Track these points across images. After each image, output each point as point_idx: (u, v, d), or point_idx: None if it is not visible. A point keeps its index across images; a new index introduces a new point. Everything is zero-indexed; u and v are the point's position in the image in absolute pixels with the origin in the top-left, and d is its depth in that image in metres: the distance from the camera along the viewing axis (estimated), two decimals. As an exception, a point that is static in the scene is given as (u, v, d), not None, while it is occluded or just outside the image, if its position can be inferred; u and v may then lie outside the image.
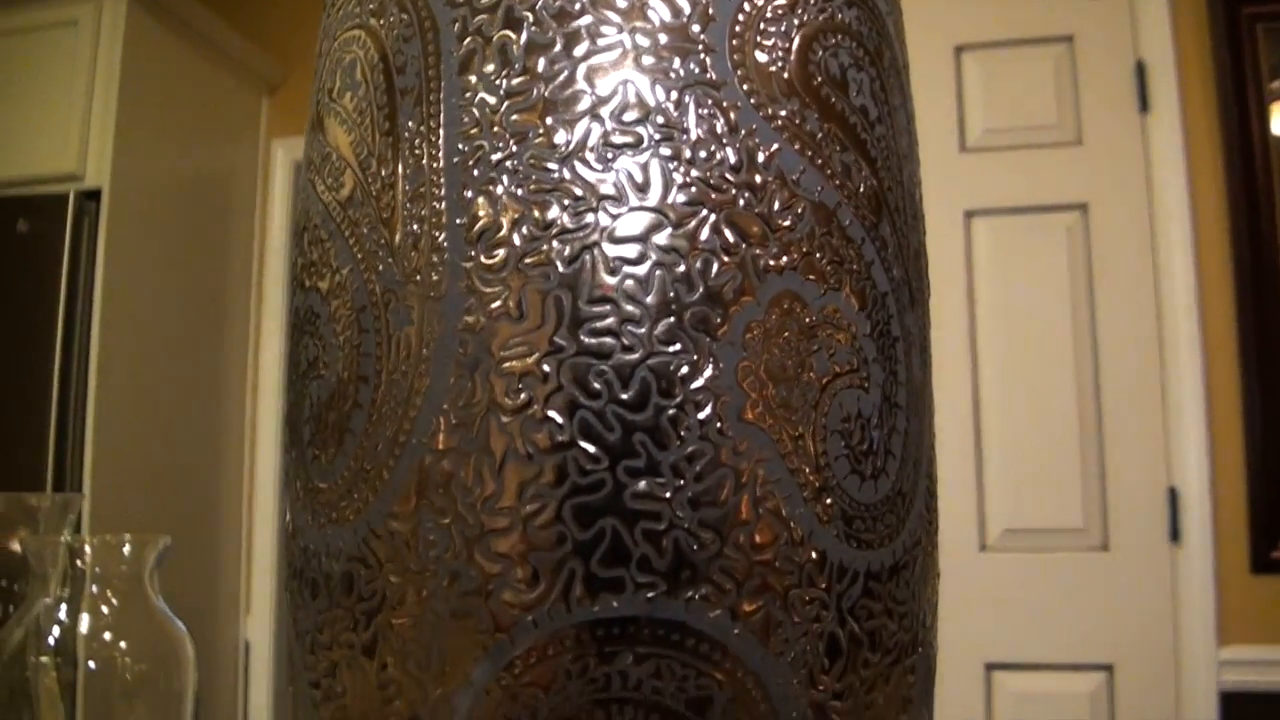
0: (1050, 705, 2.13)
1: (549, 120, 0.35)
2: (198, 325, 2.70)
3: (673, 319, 0.34)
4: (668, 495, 0.33)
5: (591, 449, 0.33)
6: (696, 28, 0.35)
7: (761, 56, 0.36)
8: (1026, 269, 2.24)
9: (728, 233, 0.34)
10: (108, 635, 0.81)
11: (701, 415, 0.33)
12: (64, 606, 0.81)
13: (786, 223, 0.35)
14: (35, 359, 2.29)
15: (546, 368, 0.33)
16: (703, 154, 0.35)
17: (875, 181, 0.38)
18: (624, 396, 0.33)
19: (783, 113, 0.36)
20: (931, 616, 0.40)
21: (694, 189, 0.34)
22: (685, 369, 0.33)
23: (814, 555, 0.34)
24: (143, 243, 2.47)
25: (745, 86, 0.35)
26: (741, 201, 0.35)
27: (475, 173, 0.35)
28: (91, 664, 0.80)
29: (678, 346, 0.33)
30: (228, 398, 2.82)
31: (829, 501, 0.35)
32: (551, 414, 0.33)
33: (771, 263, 0.35)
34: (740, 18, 0.36)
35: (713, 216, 0.34)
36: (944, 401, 0.43)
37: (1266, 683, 2.03)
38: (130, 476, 2.37)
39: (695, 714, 0.33)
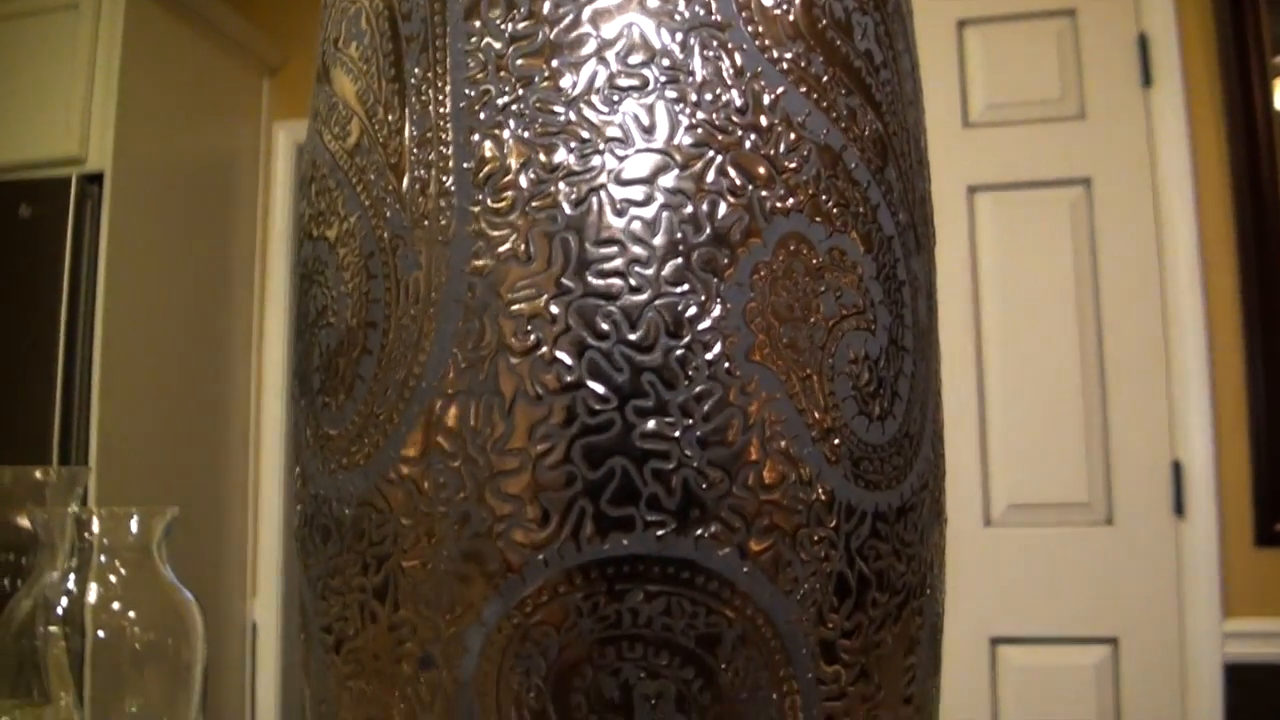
0: (1055, 678, 2.13)
1: (555, 63, 0.35)
2: (201, 307, 2.70)
3: (680, 260, 0.34)
4: (677, 435, 0.33)
5: (600, 389, 0.33)
6: (701, -29, 0.35)
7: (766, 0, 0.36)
8: (1030, 244, 2.24)
9: (734, 174, 0.34)
10: (116, 605, 0.81)
11: (709, 355, 0.34)
12: (72, 577, 0.81)
13: (792, 165, 0.35)
14: (40, 342, 2.29)
15: (554, 309, 0.34)
16: (708, 96, 0.35)
17: (880, 125, 0.38)
18: (632, 337, 0.33)
19: (788, 55, 0.36)
20: (939, 561, 0.40)
21: (700, 131, 0.34)
22: (693, 309, 0.34)
23: (822, 495, 0.35)
24: (146, 226, 2.47)
25: (750, 29, 0.35)
26: (747, 144, 0.35)
27: (481, 117, 0.35)
28: (101, 633, 0.80)
29: (685, 287, 0.34)
30: (232, 381, 2.83)
31: (836, 442, 0.35)
32: (560, 355, 0.33)
33: (778, 205, 0.35)
34: (745, -39, 0.36)
35: (719, 158, 0.34)
36: (947, 377, 0.43)
37: (1271, 654, 2.03)
38: (134, 461, 2.38)
39: (705, 650, 0.33)
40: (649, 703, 0.33)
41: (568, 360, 0.33)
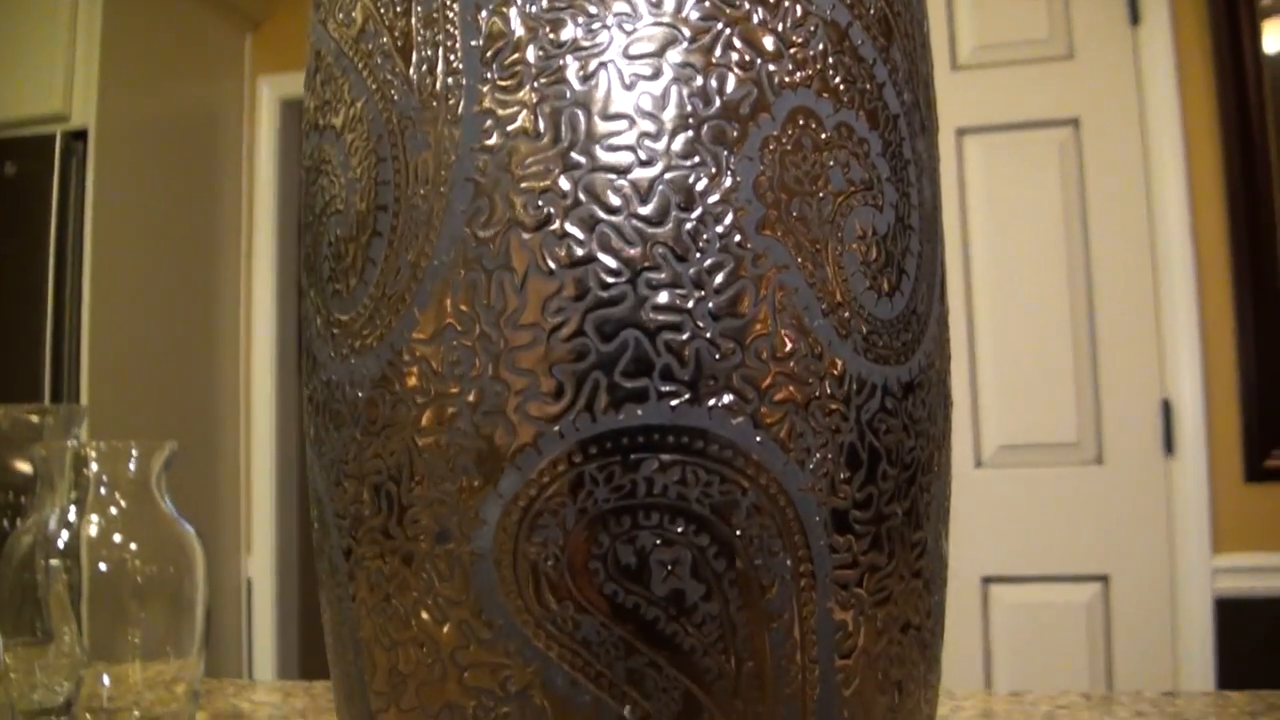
0: (1046, 616, 2.16)
1: (561, -61, 0.35)
2: (189, 260, 2.69)
3: (690, 133, 0.34)
4: (689, 306, 0.33)
5: (612, 263, 0.33)
6: None
7: (771, -125, 0.36)
8: (1019, 185, 2.24)
9: (742, 48, 0.35)
10: (118, 537, 0.82)
11: (720, 228, 0.34)
12: (73, 511, 0.81)
13: (799, 40, 0.35)
14: (28, 298, 2.29)
15: (565, 184, 0.34)
16: (715, -29, 0.35)
17: (884, 4, 0.38)
18: (643, 210, 0.34)
19: (793, -69, 0.36)
20: (947, 443, 0.41)
21: (708, 4, 0.34)
22: (704, 183, 0.34)
23: (833, 367, 0.35)
24: (131, 181, 2.46)
25: (756, -96, 0.35)
26: (755, 18, 0.35)
27: (488, -6, 0.35)
28: (103, 566, 0.81)
29: (695, 160, 0.34)
30: (220, 340, 2.82)
31: (846, 315, 0.35)
32: (571, 229, 0.34)
33: (786, 79, 0.35)
34: None
35: (727, 31, 0.34)
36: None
37: (1260, 589, 2.06)
38: (123, 424, 2.37)
39: (720, 518, 0.33)
40: (665, 569, 0.33)
41: (579, 234, 0.34)
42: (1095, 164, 2.22)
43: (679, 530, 0.33)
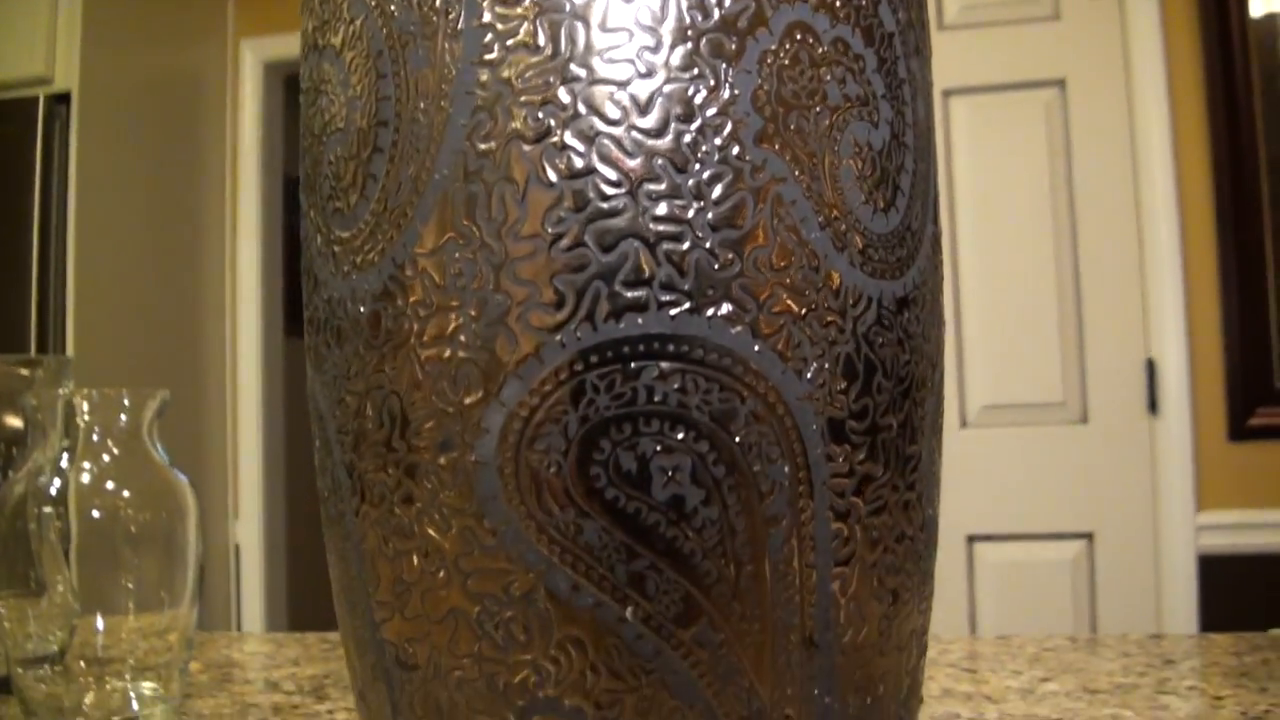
0: (1031, 573, 2.18)
1: None
2: (174, 221, 2.68)
3: (689, 45, 0.34)
4: (689, 217, 0.34)
5: (612, 174, 0.34)
6: None
7: None
8: (1004, 146, 2.25)
9: (739, -38, 0.35)
10: (110, 485, 0.82)
11: (719, 140, 0.34)
12: (66, 458, 0.81)
13: (796, -45, 0.36)
14: (14, 261, 2.28)
15: (565, 97, 0.34)
16: (712, -115, 0.35)
17: (881, -78, 0.38)
18: (642, 122, 0.34)
19: None
20: (940, 362, 0.41)
21: (706, -82, 0.35)
22: (702, 95, 0.34)
23: (830, 279, 0.36)
24: (115, 143, 2.45)
25: None
26: (752, -68, 0.35)
27: (488, -92, 0.35)
28: (96, 513, 0.81)
29: (694, 73, 0.34)
30: (206, 303, 2.82)
31: (843, 228, 0.36)
32: (571, 141, 0.34)
33: (782, -6, 0.35)
34: None
35: (725, -55, 0.35)
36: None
37: (1243, 545, 2.08)
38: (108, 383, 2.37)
39: (719, 426, 0.34)
40: (665, 475, 0.34)
41: (579, 146, 0.34)
42: (1081, 125, 2.23)
43: (679, 437, 0.34)
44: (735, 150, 0.34)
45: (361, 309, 0.37)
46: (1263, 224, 2.12)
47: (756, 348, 0.34)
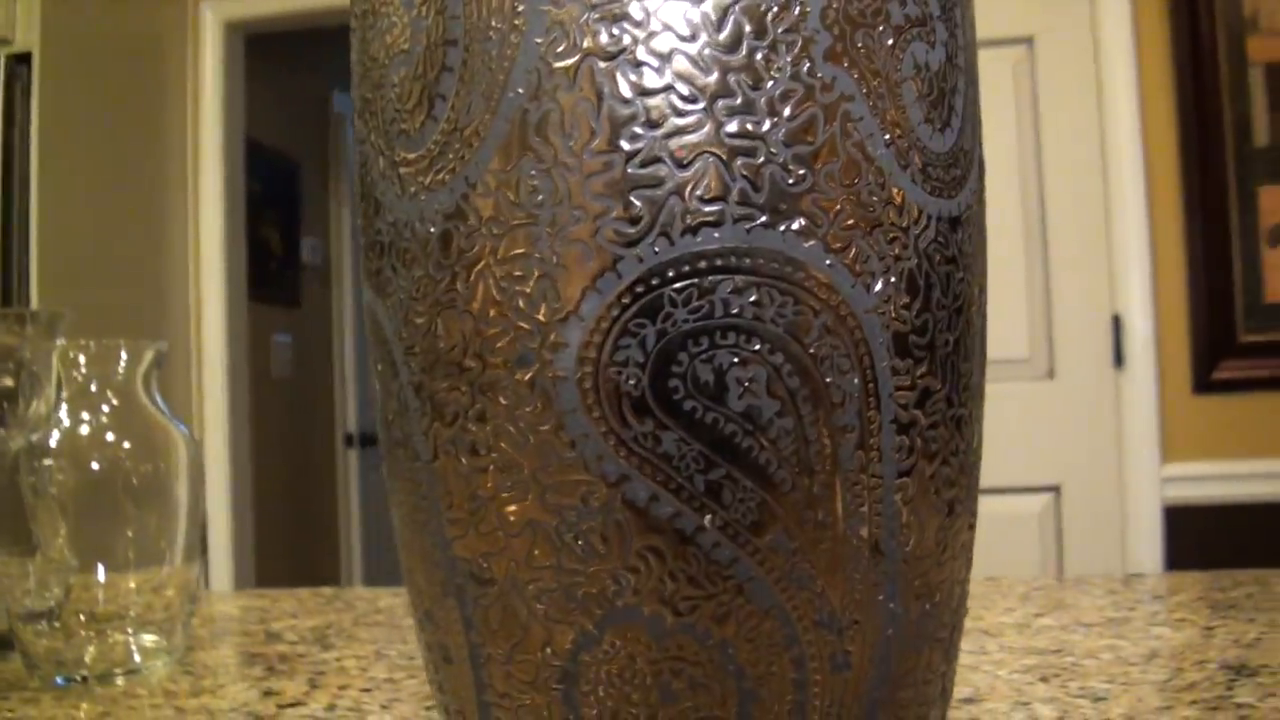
0: (999, 527, 2.21)
1: None
2: (136, 181, 2.66)
3: (760, -36, 0.35)
4: (763, 131, 0.34)
5: (686, 90, 0.34)
6: None
7: None
8: (974, 104, 2.26)
9: (808, -118, 0.35)
10: (110, 436, 0.81)
11: (790, 56, 0.35)
12: (64, 410, 0.81)
13: (861, -124, 0.36)
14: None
15: (639, 13, 0.34)
16: None
17: None
18: (716, 38, 0.34)
19: None
20: (985, 284, 0.42)
21: None
22: (775, 10, 0.35)
23: (894, 195, 0.36)
24: (77, 104, 2.42)
25: None
26: None
27: None
28: (95, 465, 0.81)
29: (766, -10, 0.35)
30: (169, 262, 2.79)
31: (905, 146, 0.37)
32: (647, 58, 0.34)
33: (848, -86, 0.36)
34: None
35: None
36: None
37: (1207, 496, 2.13)
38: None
39: (793, 338, 0.35)
40: (741, 385, 0.34)
41: (653, 62, 0.34)
42: (1048, 83, 2.25)
43: (754, 349, 0.34)
44: (806, 67, 0.35)
45: (431, 229, 0.37)
46: (1227, 180, 2.15)
47: (828, 261, 0.35)
